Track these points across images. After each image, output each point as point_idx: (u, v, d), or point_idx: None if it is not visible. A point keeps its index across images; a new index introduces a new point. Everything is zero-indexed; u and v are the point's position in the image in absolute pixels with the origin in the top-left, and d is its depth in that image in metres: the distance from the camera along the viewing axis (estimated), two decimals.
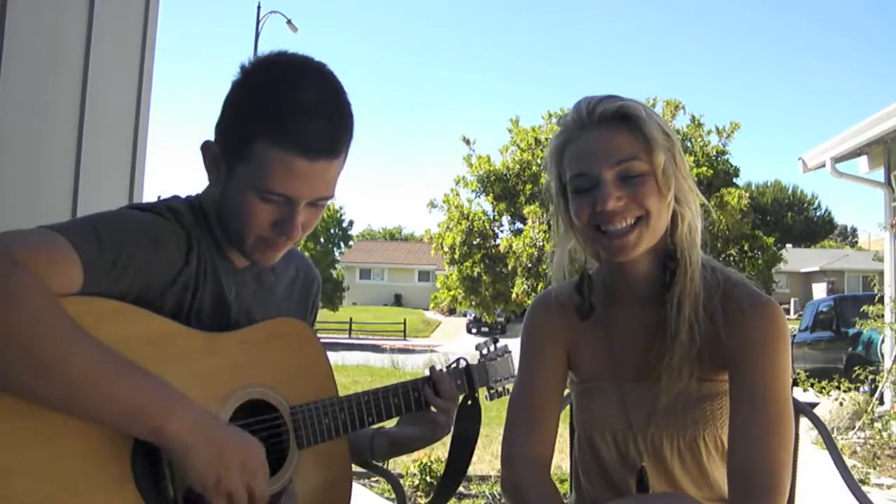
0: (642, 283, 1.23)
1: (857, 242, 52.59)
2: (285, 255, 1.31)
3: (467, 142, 14.99)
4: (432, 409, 1.37)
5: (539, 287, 12.84)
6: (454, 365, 1.44)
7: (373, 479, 4.40)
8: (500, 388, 1.53)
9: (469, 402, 1.42)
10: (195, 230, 1.10)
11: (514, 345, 1.43)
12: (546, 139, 14.77)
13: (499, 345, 1.55)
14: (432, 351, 19.20)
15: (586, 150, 1.16)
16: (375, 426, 1.36)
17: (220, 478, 0.95)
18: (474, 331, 28.41)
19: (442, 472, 1.55)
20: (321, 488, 1.19)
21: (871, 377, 6.37)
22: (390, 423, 1.40)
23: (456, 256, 14.45)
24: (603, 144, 1.15)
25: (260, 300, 1.22)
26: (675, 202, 1.18)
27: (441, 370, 1.40)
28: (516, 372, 1.57)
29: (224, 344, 1.09)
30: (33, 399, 0.85)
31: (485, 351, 1.53)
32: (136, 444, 0.94)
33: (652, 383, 1.21)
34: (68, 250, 0.91)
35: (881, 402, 6.32)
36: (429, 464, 4.26)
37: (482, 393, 1.49)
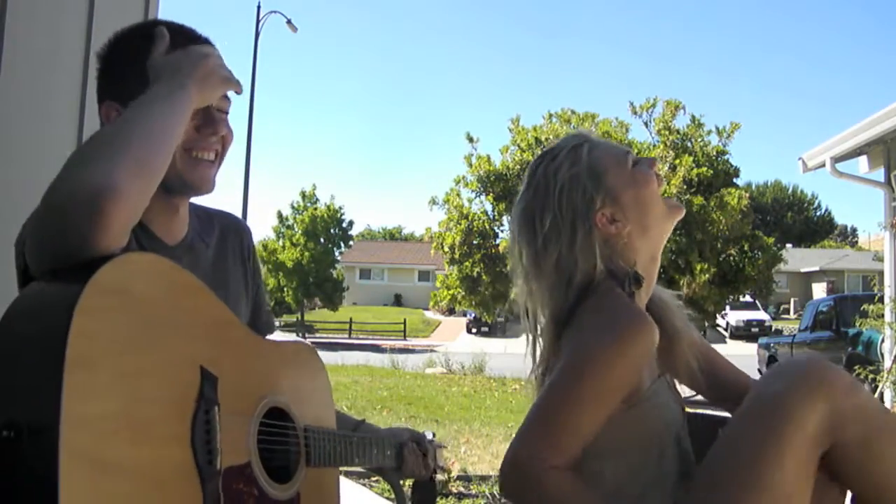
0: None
1: (856, 242, 52.57)
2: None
3: (471, 139, 15.00)
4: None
5: None
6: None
7: (373, 479, 4.40)
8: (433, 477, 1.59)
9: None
10: None
11: (515, 344, 1.43)
12: (546, 139, 14.77)
13: (435, 438, 1.60)
14: (432, 351, 19.22)
15: None
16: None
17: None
18: (474, 331, 28.43)
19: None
20: (317, 497, 1.24)
21: (871, 377, 6.38)
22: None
23: (456, 256, 14.47)
24: None
25: (201, 272, 1.22)
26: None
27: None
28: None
29: (265, 348, 1.17)
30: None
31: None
32: (197, 409, 0.93)
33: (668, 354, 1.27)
34: None
35: (881, 402, 6.33)
36: None
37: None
